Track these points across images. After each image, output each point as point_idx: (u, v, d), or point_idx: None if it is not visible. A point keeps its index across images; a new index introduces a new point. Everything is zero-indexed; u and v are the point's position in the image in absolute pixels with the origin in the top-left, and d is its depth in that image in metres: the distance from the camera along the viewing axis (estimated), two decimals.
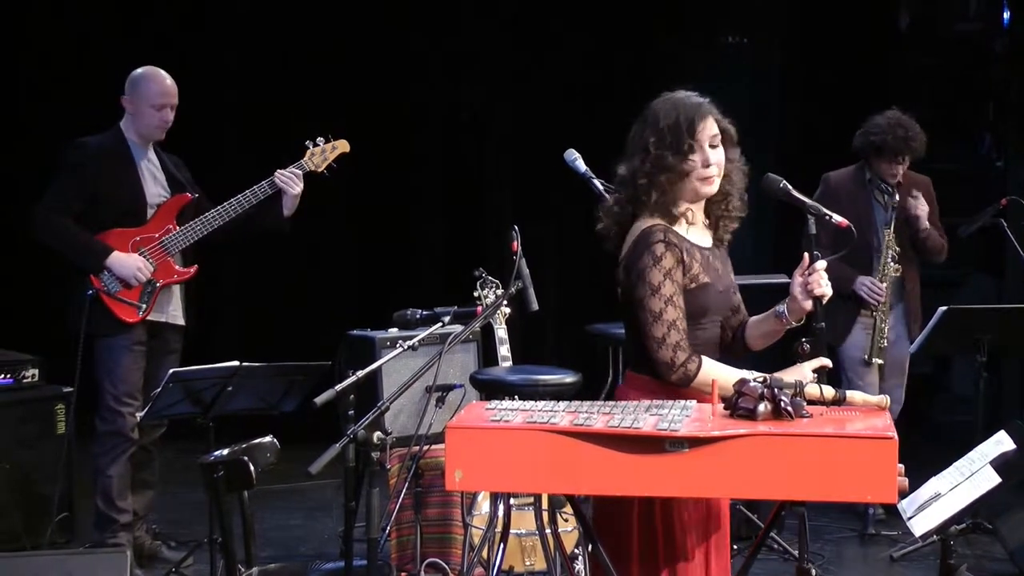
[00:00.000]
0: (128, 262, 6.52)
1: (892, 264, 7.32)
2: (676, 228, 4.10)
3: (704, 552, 4.06)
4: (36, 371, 7.13)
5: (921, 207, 7.31)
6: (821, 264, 4.07)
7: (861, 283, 7.27)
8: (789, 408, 3.63)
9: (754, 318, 4.27)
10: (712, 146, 4.09)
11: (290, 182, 6.69)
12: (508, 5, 9.88)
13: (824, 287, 4.05)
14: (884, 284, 7.30)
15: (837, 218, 4.18)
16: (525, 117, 9.78)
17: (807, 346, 3.97)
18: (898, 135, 7.20)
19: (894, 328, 7.44)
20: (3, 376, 7.00)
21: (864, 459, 3.47)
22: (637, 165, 4.08)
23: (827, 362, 3.99)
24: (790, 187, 4.20)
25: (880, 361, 7.35)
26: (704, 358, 4.01)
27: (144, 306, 6.55)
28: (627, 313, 4.11)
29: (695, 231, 4.16)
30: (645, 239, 4.05)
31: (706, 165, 4.08)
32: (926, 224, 7.35)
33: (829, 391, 3.83)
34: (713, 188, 4.11)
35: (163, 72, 6.72)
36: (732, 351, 4.27)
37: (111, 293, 6.51)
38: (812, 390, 3.80)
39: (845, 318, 7.35)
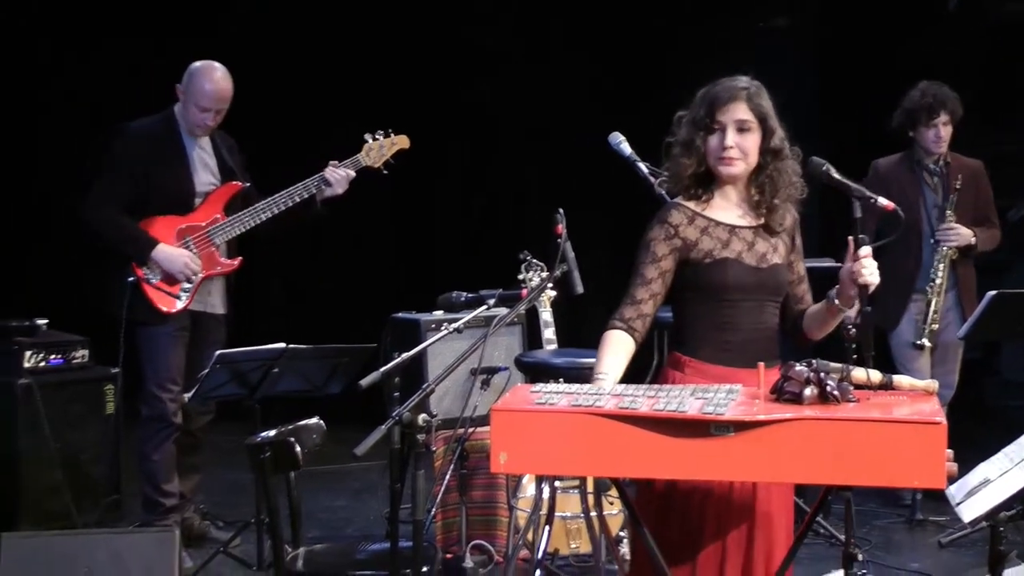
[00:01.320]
0: (176, 257, 6.50)
1: (945, 248, 7.27)
2: (701, 204, 4.15)
3: (747, 537, 4.06)
4: (86, 352, 7.18)
5: (963, 236, 7.25)
6: (865, 250, 4.04)
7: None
8: (835, 392, 3.62)
9: (812, 306, 4.27)
10: (740, 130, 4.10)
11: (341, 182, 6.66)
12: None
13: (868, 275, 4.01)
14: (942, 267, 7.25)
15: (883, 201, 4.15)
16: (570, 102, 9.76)
17: (853, 330, 3.95)
18: (928, 93, 7.21)
19: (948, 313, 7.38)
20: (54, 356, 7.05)
21: (912, 444, 3.44)
22: (668, 145, 4.19)
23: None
24: (833, 170, 4.18)
25: (929, 344, 7.30)
26: (612, 334, 4.11)
27: (184, 297, 6.55)
28: (670, 297, 4.17)
29: (727, 210, 4.20)
30: (661, 211, 4.21)
31: (723, 147, 4.09)
32: (972, 241, 7.28)
33: (876, 375, 3.81)
34: (734, 170, 4.15)
35: (221, 72, 6.60)
36: (794, 340, 4.28)
37: (151, 282, 6.51)
38: (859, 374, 3.78)
39: (896, 302, 7.31)
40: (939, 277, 7.26)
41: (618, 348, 4.11)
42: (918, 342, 7.29)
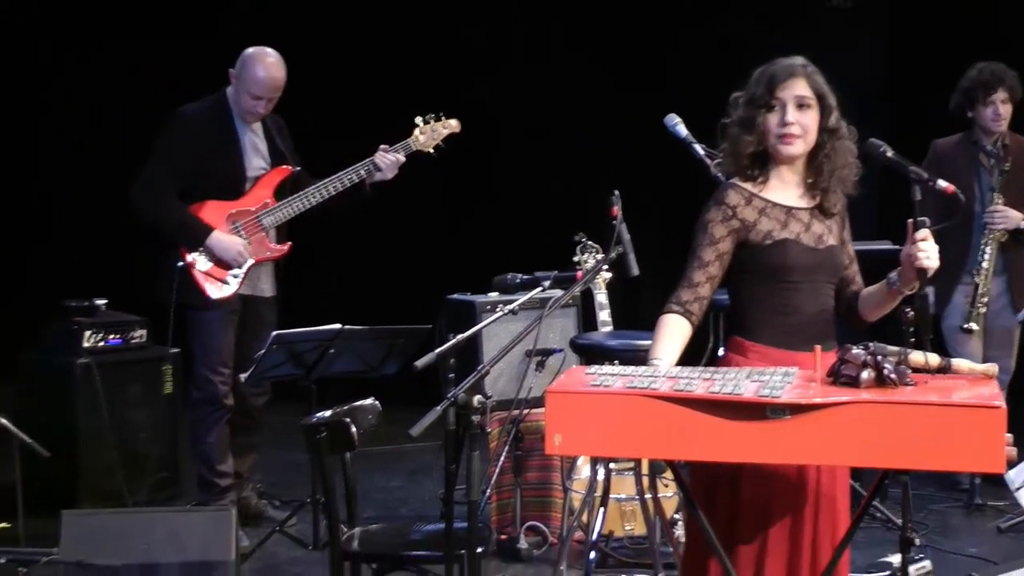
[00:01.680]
0: (230, 245, 6.51)
1: (992, 231, 7.20)
2: (758, 185, 4.13)
3: (803, 521, 4.05)
4: (144, 332, 7.24)
5: (1011, 219, 7.18)
6: (923, 233, 4.00)
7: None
8: (893, 376, 3.59)
9: (867, 288, 4.25)
10: (800, 107, 4.08)
11: (391, 167, 6.66)
12: None
13: (926, 258, 3.98)
14: (988, 249, 7.19)
15: (942, 183, 4.11)
16: (623, 81, 9.73)
17: (910, 313, 3.92)
18: (985, 71, 7.17)
19: (999, 297, 7.32)
20: (112, 336, 7.11)
21: (970, 428, 3.42)
22: (724, 131, 4.16)
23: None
24: (890, 151, 4.14)
25: (976, 327, 7.23)
26: (668, 318, 4.08)
27: (234, 282, 6.56)
28: (728, 280, 4.15)
29: (783, 191, 4.16)
30: (717, 192, 4.16)
31: (783, 124, 4.07)
32: (1022, 225, 7.21)
33: (934, 359, 3.78)
34: (794, 149, 4.11)
35: (273, 59, 6.58)
36: (848, 322, 4.25)
37: (201, 268, 6.53)
38: (916, 357, 3.75)
39: (945, 285, 7.26)
40: (986, 260, 7.19)
41: (674, 332, 4.09)
42: (965, 326, 7.22)
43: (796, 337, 4.09)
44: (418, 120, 6.76)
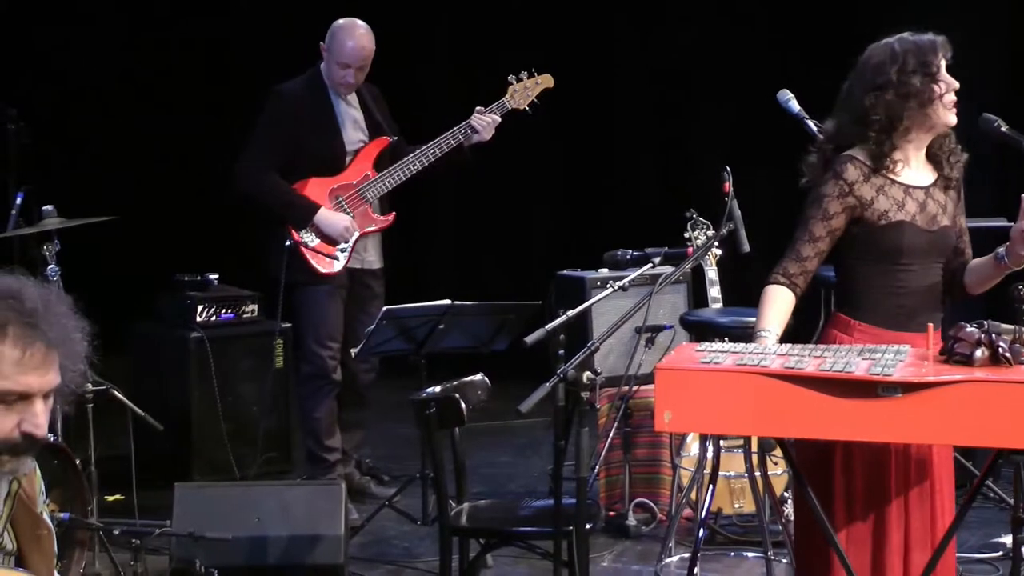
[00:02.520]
0: (337, 221, 6.54)
1: None
2: (883, 166, 4.05)
3: (910, 499, 4.02)
4: (255, 307, 7.31)
5: None
6: None
7: None
8: (1008, 354, 3.55)
9: (974, 261, 4.20)
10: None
11: (487, 128, 6.66)
12: None
13: None
14: None
15: None
16: (737, 58, 9.65)
17: (1022, 290, 3.87)
18: None
19: None
20: (225, 311, 7.19)
21: None
22: (873, 101, 4.03)
23: None
24: (1004, 126, 4.08)
25: None
26: (776, 289, 4.07)
27: (342, 257, 6.60)
28: (835, 256, 4.12)
29: (909, 170, 4.10)
30: (836, 164, 4.09)
31: (952, 90, 4.03)
32: None
33: None
34: (954, 119, 4.05)
35: (362, 29, 6.61)
36: (951, 295, 4.20)
37: (309, 245, 6.57)
38: None
39: None
40: None
41: (781, 304, 4.08)
42: None
43: (903, 317, 4.06)
44: (511, 79, 6.76)
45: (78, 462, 5.20)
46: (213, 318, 7.13)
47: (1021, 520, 3.96)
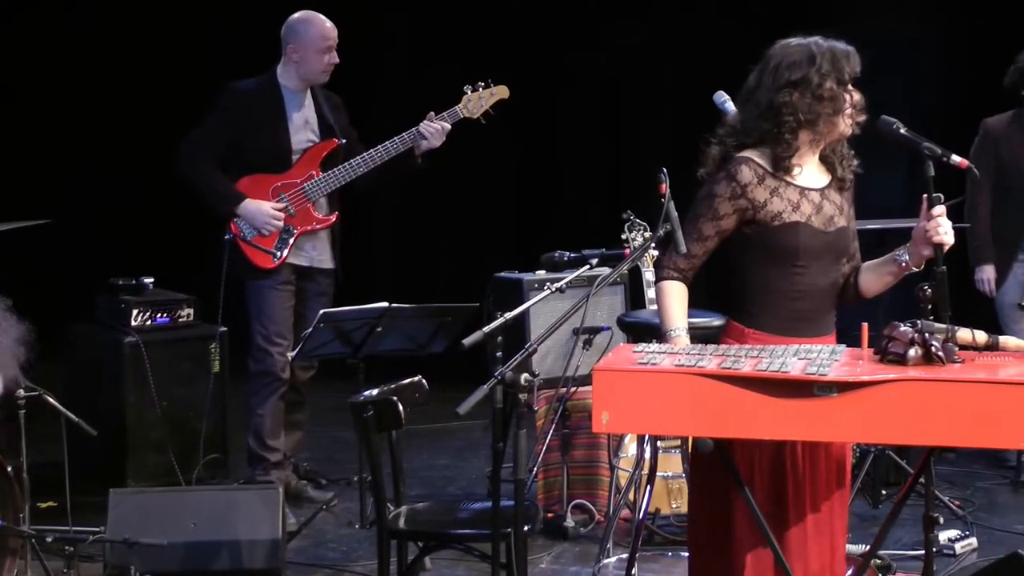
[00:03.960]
0: (259, 211, 6.55)
1: None
2: (783, 170, 4.07)
3: (831, 503, 4.05)
4: (191, 310, 7.26)
5: None
6: (939, 210, 3.96)
7: (981, 277, 7.21)
8: (940, 353, 3.59)
9: (869, 263, 4.21)
10: (855, 85, 4.06)
11: (436, 135, 6.65)
12: None
13: (943, 234, 3.95)
14: None
15: (956, 158, 4.06)
16: (675, 60, 9.69)
17: (928, 291, 3.90)
18: None
19: None
20: (160, 315, 7.14)
21: (1017, 406, 3.41)
22: (784, 100, 4.02)
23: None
24: (903, 128, 4.10)
25: None
26: (673, 284, 4.12)
27: (279, 253, 6.59)
28: (727, 261, 4.15)
29: (804, 172, 4.11)
30: (730, 165, 4.09)
31: (857, 105, 4.05)
32: None
33: (981, 336, 3.77)
34: (854, 129, 4.07)
35: (319, 15, 6.70)
36: (843, 298, 4.20)
37: (246, 239, 6.57)
38: (964, 335, 3.74)
39: (1002, 261, 7.20)
40: None
41: (682, 300, 4.12)
42: (1022, 303, 7.17)
43: (800, 322, 4.07)
44: (466, 88, 6.76)
45: (10, 468, 5.16)
46: (148, 322, 7.08)
47: (933, 519, 4.00)
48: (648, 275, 6.44)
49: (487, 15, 9.75)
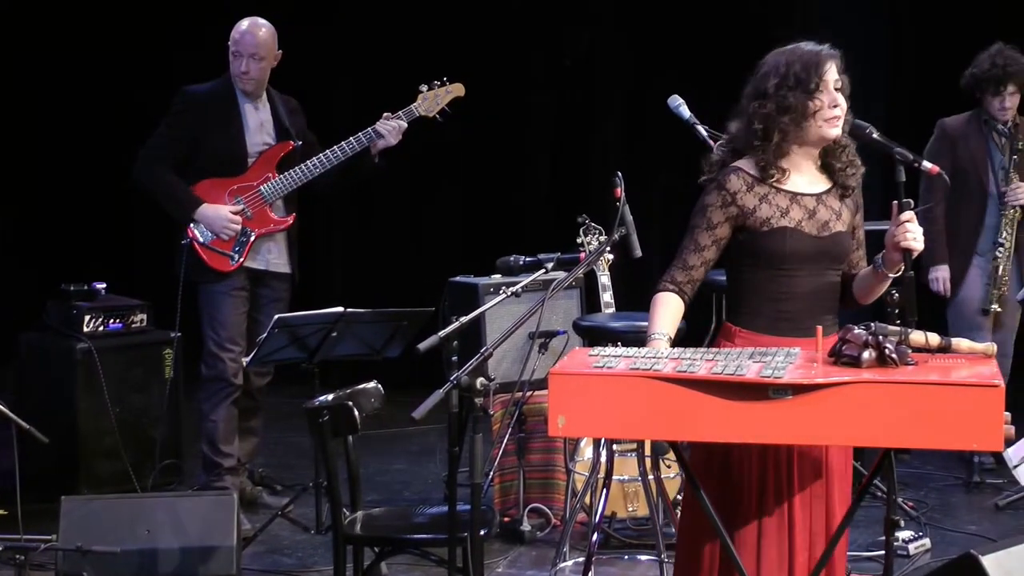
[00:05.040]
0: (217, 215, 6.53)
1: (1013, 209, 7.15)
2: (770, 177, 4.08)
3: (795, 503, 4.05)
4: (144, 316, 7.22)
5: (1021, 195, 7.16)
6: (907, 215, 3.99)
7: (935, 276, 7.24)
8: (894, 355, 3.60)
9: (862, 271, 4.24)
10: (836, 90, 4.06)
11: (391, 133, 6.63)
12: None
13: (911, 240, 3.97)
14: (1009, 230, 7.15)
15: (927, 164, 4.09)
16: (632, 63, 9.71)
17: (896, 295, 3.92)
18: (996, 64, 7.08)
19: (1011, 276, 7.29)
20: (113, 321, 7.10)
21: (970, 407, 3.43)
22: (754, 110, 4.07)
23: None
24: (876, 132, 4.13)
25: (998, 308, 7.21)
26: (666, 296, 4.12)
27: (236, 256, 6.57)
28: (725, 264, 4.15)
29: (799, 177, 4.13)
30: (721, 174, 4.12)
31: (833, 105, 4.05)
32: None
33: (934, 338, 3.79)
34: (838, 131, 4.08)
35: (259, 22, 6.63)
36: (844, 303, 4.24)
37: (204, 243, 6.55)
38: (917, 337, 3.76)
39: (958, 264, 7.23)
40: (1006, 240, 7.15)
41: (672, 309, 4.12)
42: (986, 307, 7.19)
43: (785, 323, 4.09)
44: (422, 87, 6.75)
45: None
46: (101, 328, 7.03)
47: (894, 522, 4.02)
48: (604, 279, 6.46)
49: (443, 15, 9.75)
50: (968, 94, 7.24)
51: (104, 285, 7.20)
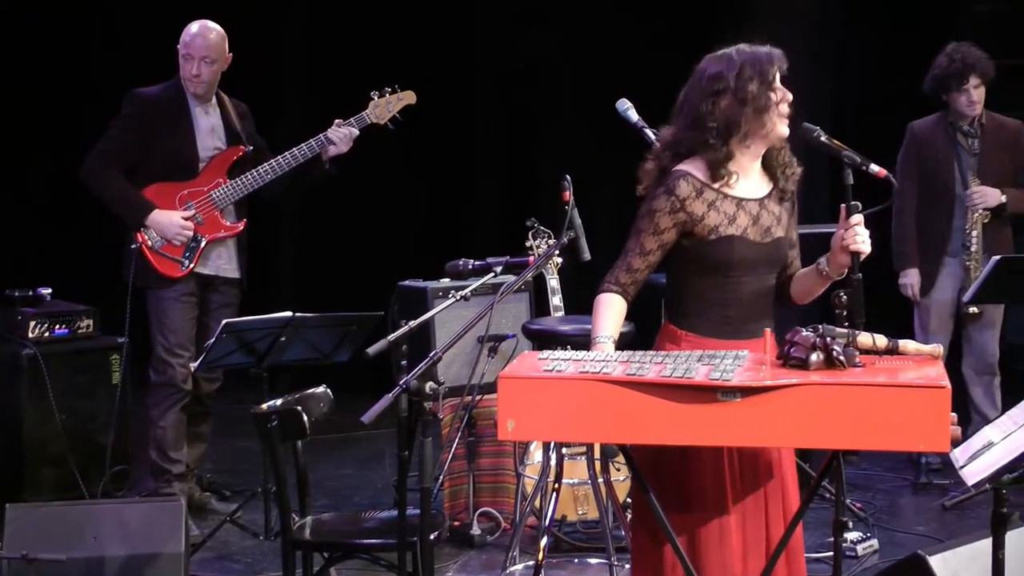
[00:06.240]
0: (170, 222, 6.50)
1: (980, 211, 7.19)
2: (720, 179, 4.09)
3: (747, 504, 4.06)
4: (91, 321, 7.17)
5: (989, 196, 7.18)
6: (857, 218, 4.00)
7: (904, 282, 7.28)
8: (841, 357, 3.62)
9: (800, 271, 4.26)
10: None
11: (344, 140, 6.62)
12: None
13: (860, 243, 3.99)
14: (975, 232, 7.19)
15: (875, 167, 4.10)
16: (581, 67, 9.72)
17: (844, 297, 3.93)
18: (955, 59, 7.12)
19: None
20: (59, 327, 7.05)
21: (917, 408, 3.45)
22: (709, 108, 4.04)
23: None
24: (824, 135, 4.14)
25: (977, 310, 7.25)
26: (611, 297, 4.12)
27: (187, 262, 6.55)
28: (667, 266, 4.16)
29: (744, 182, 4.14)
30: (669, 179, 4.09)
31: (786, 101, 4.06)
32: (1002, 200, 7.19)
33: (882, 340, 3.81)
34: (786, 130, 4.09)
35: (209, 25, 6.61)
36: (781, 302, 4.26)
37: (154, 248, 6.52)
38: (865, 339, 3.78)
39: (928, 266, 7.25)
40: (974, 243, 7.19)
41: (616, 311, 4.13)
42: (970, 310, 7.21)
43: (735, 327, 4.11)
44: (373, 94, 6.73)
45: None
46: (47, 334, 6.98)
47: (842, 524, 4.04)
48: (553, 282, 6.47)
49: (394, 20, 9.74)
50: (929, 99, 7.27)
51: (50, 291, 7.14)
